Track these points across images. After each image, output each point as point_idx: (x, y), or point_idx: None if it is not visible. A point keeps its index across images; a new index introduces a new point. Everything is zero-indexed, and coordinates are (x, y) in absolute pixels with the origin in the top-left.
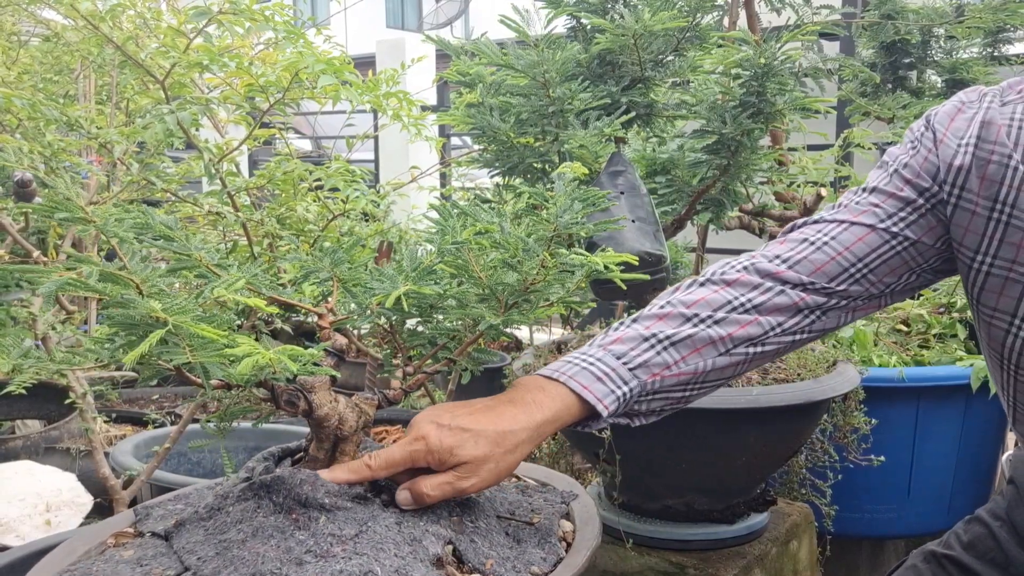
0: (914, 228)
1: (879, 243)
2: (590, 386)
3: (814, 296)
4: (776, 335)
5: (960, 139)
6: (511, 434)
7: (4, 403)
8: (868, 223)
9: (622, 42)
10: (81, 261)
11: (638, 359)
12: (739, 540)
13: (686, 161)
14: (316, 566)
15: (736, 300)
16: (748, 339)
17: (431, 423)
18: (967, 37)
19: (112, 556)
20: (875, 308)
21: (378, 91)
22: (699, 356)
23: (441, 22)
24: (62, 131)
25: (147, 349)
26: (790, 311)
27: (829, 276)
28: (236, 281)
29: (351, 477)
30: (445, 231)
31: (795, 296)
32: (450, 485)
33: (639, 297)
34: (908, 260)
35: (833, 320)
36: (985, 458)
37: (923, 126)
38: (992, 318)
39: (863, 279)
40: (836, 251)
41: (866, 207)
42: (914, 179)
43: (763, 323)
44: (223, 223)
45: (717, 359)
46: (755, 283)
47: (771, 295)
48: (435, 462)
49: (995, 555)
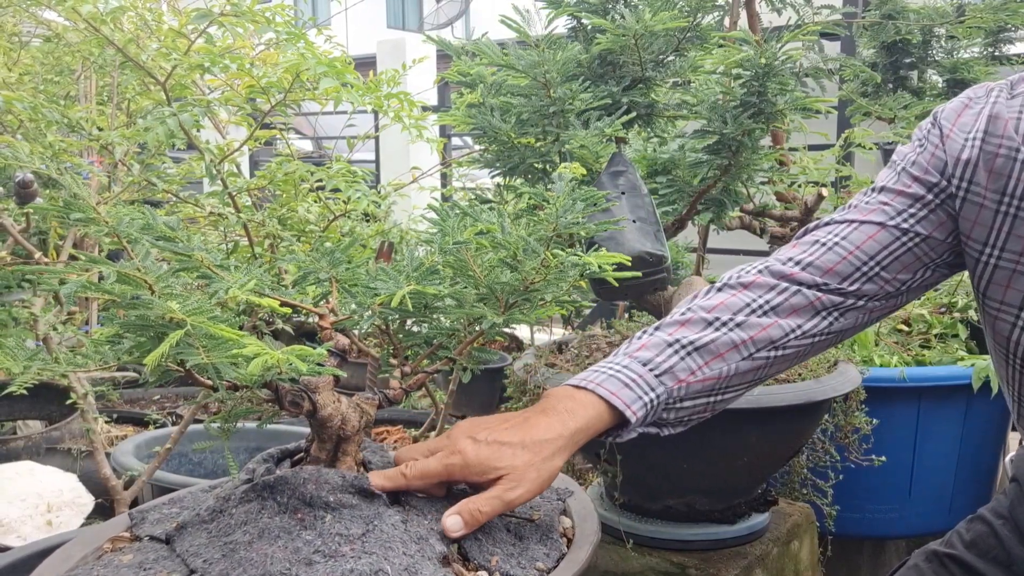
0: (924, 224)
1: (890, 240)
2: (618, 392)
3: (829, 296)
4: (796, 337)
5: (967, 133)
6: (548, 443)
7: (5, 404)
8: (878, 221)
9: (623, 42)
10: (95, 262)
11: (664, 365)
12: (740, 540)
13: (687, 161)
14: (326, 566)
15: (755, 303)
16: (769, 342)
17: (468, 438)
18: (968, 37)
19: (111, 561)
20: (893, 307)
21: (379, 92)
22: (723, 361)
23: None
24: (63, 132)
25: (167, 350)
26: (808, 312)
27: (842, 276)
28: (248, 282)
29: (386, 484)
30: (445, 231)
31: (811, 296)
32: (499, 499)
33: (640, 297)
34: (921, 256)
35: (851, 320)
36: (986, 458)
37: (930, 123)
38: (999, 311)
39: (876, 277)
40: (847, 251)
41: (875, 206)
42: (922, 175)
43: (783, 325)
44: (224, 224)
45: (740, 363)
46: (771, 284)
47: (787, 295)
48: (473, 475)
49: (998, 553)
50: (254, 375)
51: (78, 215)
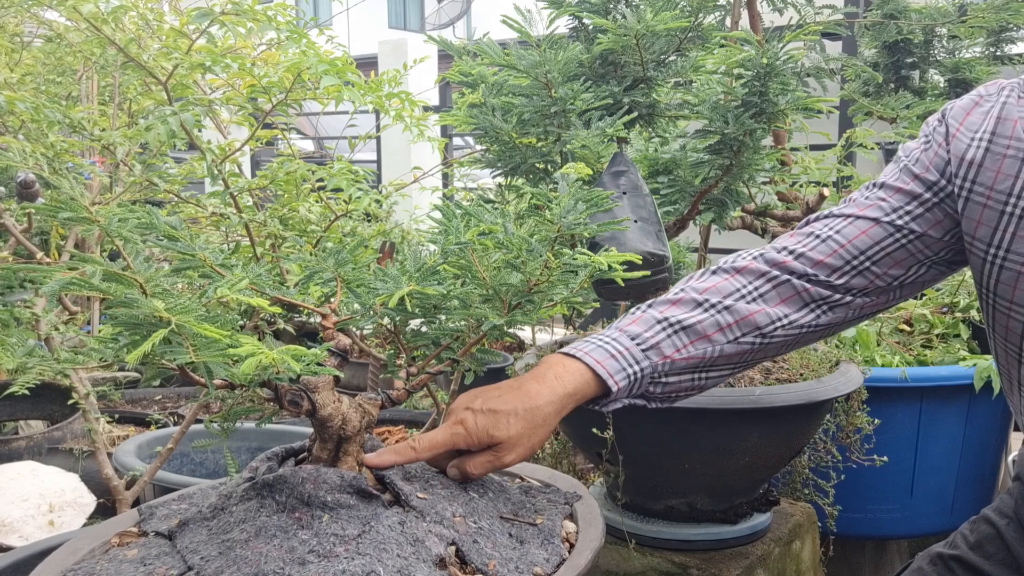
0: (920, 222)
1: (882, 236)
2: (604, 362)
3: (817, 288)
4: (783, 327)
5: (974, 133)
6: (538, 409)
7: (7, 404)
8: (873, 216)
9: (624, 42)
10: (85, 261)
11: (651, 340)
12: (742, 540)
13: (688, 161)
14: (319, 566)
15: (744, 288)
16: (755, 327)
17: (466, 409)
18: (970, 36)
19: (116, 555)
20: (885, 303)
21: (380, 92)
22: (708, 342)
23: (443, 22)
24: (65, 132)
25: (150, 348)
26: (796, 303)
27: (831, 268)
28: (240, 281)
29: (397, 459)
30: (449, 231)
31: (799, 286)
32: (490, 463)
33: (641, 297)
34: (915, 252)
35: (840, 314)
36: (988, 458)
37: (937, 120)
38: (1009, 311)
39: (866, 271)
40: (839, 244)
41: (873, 201)
42: (922, 174)
43: (770, 313)
44: (226, 224)
45: (725, 346)
46: (762, 271)
47: (776, 284)
48: (475, 443)
49: (1003, 555)
50: (248, 374)
51: (67, 214)
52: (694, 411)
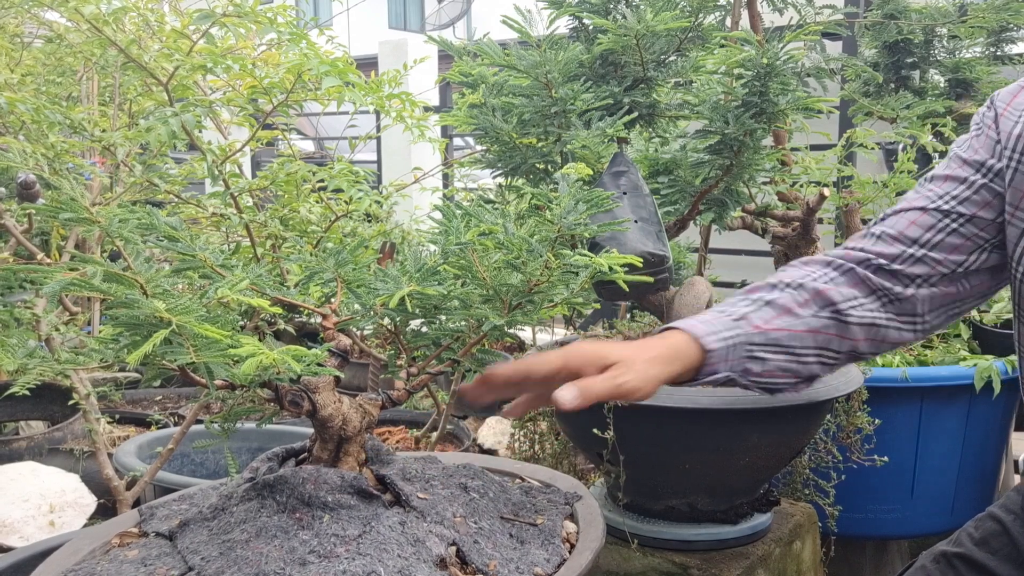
0: (967, 204)
1: (932, 223)
2: (695, 327)
3: (880, 279)
4: (856, 308)
5: (1022, 111)
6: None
7: (8, 404)
8: (920, 206)
9: (624, 42)
10: (85, 261)
11: (739, 312)
12: (742, 541)
13: (689, 161)
14: (319, 566)
15: (813, 274)
16: (830, 303)
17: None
18: (970, 37)
19: (117, 556)
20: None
21: (381, 92)
22: (791, 315)
23: (443, 23)
24: (66, 133)
25: (151, 349)
26: (863, 288)
27: (891, 257)
28: (240, 281)
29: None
30: (449, 232)
31: (862, 274)
32: (611, 380)
33: (641, 298)
34: (970, 237)
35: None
36: (988, 459)
37: (986, 107)
38: None
39: (925, 259)
40: (893, 237)
41: (923, 193)
42: (971, 157)
43: (843, 292)
44: (226, 224)
45: (810, 320)
46: (827, 261)
47: (842, 271)
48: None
49: (1009, 550)
50: (249, 374)
51: (68, 215)
52: (694, 411)
